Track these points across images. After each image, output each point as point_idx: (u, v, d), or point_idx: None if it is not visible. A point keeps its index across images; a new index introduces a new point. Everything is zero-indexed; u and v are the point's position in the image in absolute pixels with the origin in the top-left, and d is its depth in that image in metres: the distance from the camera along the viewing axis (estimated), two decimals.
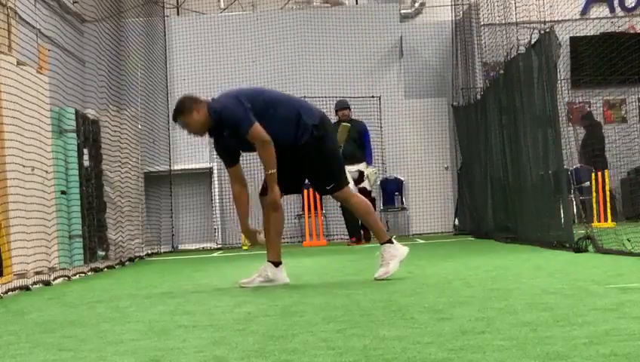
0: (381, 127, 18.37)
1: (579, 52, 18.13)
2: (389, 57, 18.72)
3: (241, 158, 7.26)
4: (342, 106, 15.30)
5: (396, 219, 18.48)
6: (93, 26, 14.42)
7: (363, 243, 14.94)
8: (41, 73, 10.33)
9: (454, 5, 18.86)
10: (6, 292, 7.77)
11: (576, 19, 18.40)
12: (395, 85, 18.61)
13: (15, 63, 9.36)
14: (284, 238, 18.18)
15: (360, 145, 15.06)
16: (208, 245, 18.05)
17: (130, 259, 13.47)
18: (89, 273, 10.82)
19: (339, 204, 9.56)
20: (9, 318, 5.87)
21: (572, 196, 11.76)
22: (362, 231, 15.16)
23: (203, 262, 12.91)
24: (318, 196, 16.39)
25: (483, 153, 15.11)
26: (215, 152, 7.66)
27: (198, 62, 18.58)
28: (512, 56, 12.63)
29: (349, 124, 12.11)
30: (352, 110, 15.62)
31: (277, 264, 7.20)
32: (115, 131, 13.59)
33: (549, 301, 4.93)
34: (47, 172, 10.10)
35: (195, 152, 18.25)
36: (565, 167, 10.60)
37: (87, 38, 15.26)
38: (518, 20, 15.27)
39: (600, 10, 19.08)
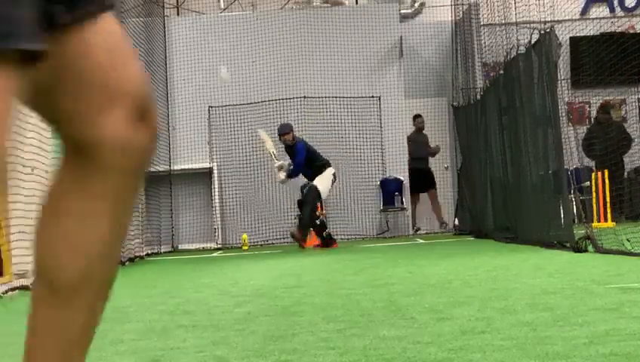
0: (381, 127, 18.36)
1: (579, 52, 18.12)
2: (389, 57, 18.71)
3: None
4: (283, 131, 14.73)
5: (396, 219, 18.46)
6: None
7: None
8: None
9: (454, 5, 18.85)
10: (6, 292, 7.77)
11: (576, 19, 18.39)
12: (395, 85, 18.60)
13: None
14: (284, 238, 18.28)
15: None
16: (208, 245, 18.03)
17: (130, 259, 13.46)
18: None
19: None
20: (9, 318, 5.87)
21: (572, 196, 11.74)
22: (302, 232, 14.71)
23: (203, 262, 12.90)
24: None
25: (483, 153, 15.10)
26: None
27: (198, 62, 18.56)
28: (512, 56, 12.63)
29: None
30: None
31: None
32: None
33: (549, 301, 4.93)
34: (47, 172, 10.10)
35: (195, 152, 18.24)
36: (565, 167, 10.60)
37: None
38: (518, 20, 15.27)
39: (600, 10, 19.08)
